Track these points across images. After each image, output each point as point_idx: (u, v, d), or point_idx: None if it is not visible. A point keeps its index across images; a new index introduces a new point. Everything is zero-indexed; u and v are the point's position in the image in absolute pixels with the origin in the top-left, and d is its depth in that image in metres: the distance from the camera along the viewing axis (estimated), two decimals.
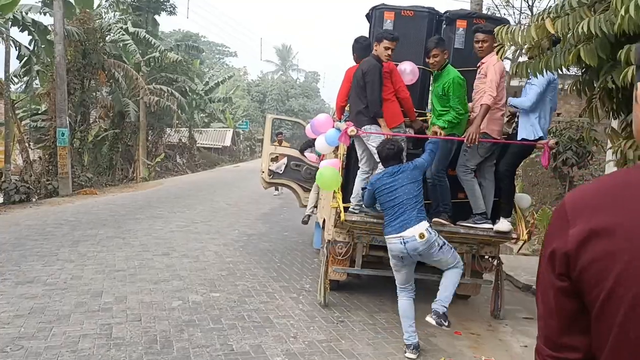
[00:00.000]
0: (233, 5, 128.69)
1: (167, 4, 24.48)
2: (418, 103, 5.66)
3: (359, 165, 5.30)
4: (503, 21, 5.63)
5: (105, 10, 20.58)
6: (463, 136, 4.80)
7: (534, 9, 13.10)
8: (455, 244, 4.99)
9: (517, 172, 13.71)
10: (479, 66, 4.98)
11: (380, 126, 5.04)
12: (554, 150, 5.03)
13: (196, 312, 5.13)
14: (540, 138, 4.86)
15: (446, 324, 4.30)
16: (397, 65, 5.34)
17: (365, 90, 5.04)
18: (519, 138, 4.89)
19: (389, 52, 5.03)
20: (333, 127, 5.53)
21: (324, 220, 6.37)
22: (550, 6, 3.64)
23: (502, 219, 5.01)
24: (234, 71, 57.51)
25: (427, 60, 5.04)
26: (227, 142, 40.56)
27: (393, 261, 4.46)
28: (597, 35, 3.11)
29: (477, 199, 4.99)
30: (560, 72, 4.62)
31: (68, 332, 4.45)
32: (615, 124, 4.50)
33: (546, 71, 3.95)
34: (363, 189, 5.09)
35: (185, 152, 29.29)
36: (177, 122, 26.74)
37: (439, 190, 5.09)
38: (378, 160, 4.90)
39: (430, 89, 5.83)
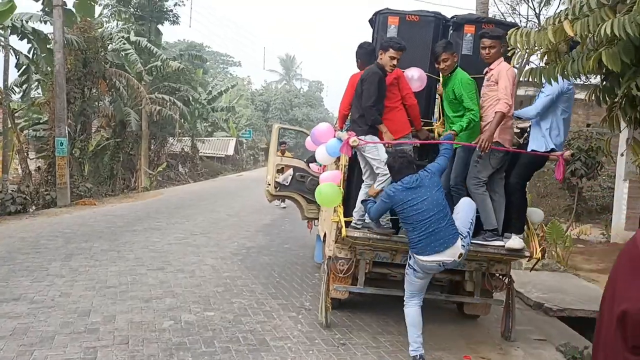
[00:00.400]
0: (235, 12, 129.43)
1: (170, 13, 24.40)
2: (424, 112, 5.39)
3: (363, 178, 5.02)
4: (513, 26, 5.15)
5: (107, 19, 20.47)
6: (475, 142, 4.53)
7: (541, 17, 12.87)
8: (464, 261, 4.71)
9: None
10: (487, 72, 4.74)
11: (377, 136, 4.85)
12: (569, 163, 4.64)
13: (188, 333, 4.83)
14: (552, 150, 4.58)
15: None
16: (403, 72, 5.12)
17: (362, 99, 4.82)
18: (529, 150, 4.63)
19: (395, 62, 4.79)
20: (334, 136, 5.27)
21: (325, 235, 6.06)
22: (568, 7, 3.36)
23: (513, 236, 4.68)
24: (238, 80, 57.52)
25: (436, 65, 4.83)
26: (230, 151, 40.38)
27: (419, 274, 4.28)
28: (622, 38, 2.83)
29: (488, 214, 4.67)
30: (571, 81, 4.34)
31: (50, 357, 4.16)
32: (630, 133, 4.20)
33: (562, 78, 3.68)
34: (363, 201, 4.82)
35: (187, 162, 29.09)
36: (179, 131, 26.59)
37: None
38: (379, 171, 4.72)
39: (437, 97, 5.59)
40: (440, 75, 5.01)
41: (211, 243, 9.43)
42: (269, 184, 8.44)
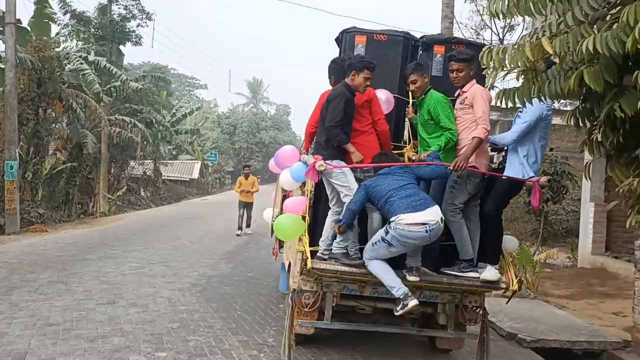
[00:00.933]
0: (203, 36, 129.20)
1: (133, 34, 23.86)
2: (393, 135, 5.10)
3: (330, 205, 4.69)
4: (483, 47, 5.14)
5: (64, 39, 19.82)
6: (449, 168, 4.30)
7: (505, 42, 13.04)
8: (436, 293, 4.63)
9: None
10: (459, 95, 4.52)
11: (345, 161, 4.57)
12: (544, 188, 4.46)
13: None
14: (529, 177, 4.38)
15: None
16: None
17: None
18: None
19: (368, 82, 4.55)
20: (300, 160, 4.97)
21: (290, 264, 5.65)
22: (544, 25, 3.17)
23: (488, 266, 4.41)
24: (204, 103, 57.00)
25: (407, 88, 4.67)
26: (195, 175, 39.57)
27: (393, 248, 4.13)
28: (605, 55, 2.63)
29: (465, 243, 4.42)
30: (546, 102, 4.17)
31: None
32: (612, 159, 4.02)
33: (540, 101, 3.48)
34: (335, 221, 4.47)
35: (149, 185, 28.20)
36: (141, 154, 25.79)
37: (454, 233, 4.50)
38: (346, 200, 4.41)
39: (406, 121, 5.31)
40: (411, 97, 4.84)
41: (169, 273, 8.88)
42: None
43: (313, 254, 4.50)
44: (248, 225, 14.62)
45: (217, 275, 8.92)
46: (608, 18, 2.84)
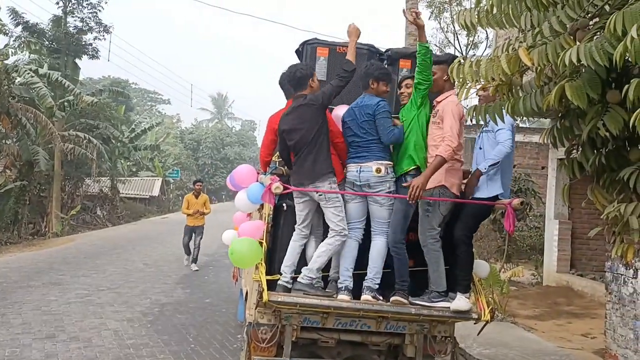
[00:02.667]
0: (164, 50, 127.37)
1: (90, 47, 23.01)
2: None
3: (297, 227, 4.34)
4: (450, 60, 4.74)
5: (14, 51, 18.88)
6: (405, 184, 4.04)
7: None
8: (403, 323, 4.30)
9: None
10: (434, 105, 4.19)
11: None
12: (517, 211, 4.32)
13: None
14: (500, 195, 4.09)
15: (381, 298, 4.15)
16: (332, 109, 4.55)
17: None
18: (476, 197, 4.10)
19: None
20: (257, 180, 4.64)
21: (247, 293, 5.19)
22: (517, 36, 2.91)
23: (459, 295, 4.11)
24: (165, 118, 55.87)
25: (399, 91, 4.46)
26: (156, 192, 38.31)
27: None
28: (589, 67, 2.37)
29: (441, 274, 4.11)
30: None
31: None
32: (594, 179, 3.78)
33: (513, 117, 3.22)
34: None
35: (106, 204, 27.04)
36: (98, 170, 24.72)
37: (397, 264, 4.20)
38: (337, 228, 4.15)
39: None
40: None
41: (119, 300, 8.25)
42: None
43: (271, 283, 4.12)
44: (195, 260, 11.68)
45: (172, 302, 8.35)
46: (589, 28, 2.59)
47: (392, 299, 4.14)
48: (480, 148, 4.19)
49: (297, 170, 4.29)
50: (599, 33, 2.52)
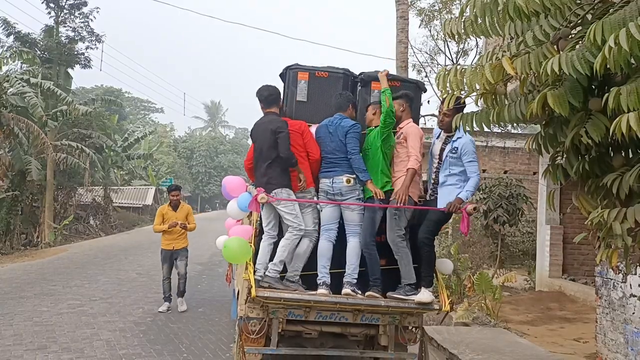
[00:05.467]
0: (157, 60, 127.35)
1: (82, 56, 22.98)
2: None
3: (265, 229, 4.93)
4: (419, 83, 5.65)
5: (6, 61, 18.83)
6: (392, 199, 4.74)
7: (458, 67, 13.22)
8: (377, 315, 4.91)
9: (449, 233, 13.31)
10: (397, 130, 4.96)
11: (290, 188, 4.84)
12: (471, 215, 4.83)
13: None
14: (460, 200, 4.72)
15: (359, 292, 4.70)
16: (309, 126, 5.16)
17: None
18: (439, 206, 4.75)
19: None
20: (246, 190, 5.21)
21: (239, 292, 5.69)
22: (501, 45, 2.96)
23: (423, 289, 4.74)
24: (158, 127, 55.73)
25: (372, 114, 5.00)
26: (149, 201, 38.19)
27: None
28: (571, 75, 2.41)
29: (410, 269, 4.74)
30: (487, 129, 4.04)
31: None
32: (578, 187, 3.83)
33: (498, 125, 3.26)
34: None
35: (99, 213, 26.91)
36: (91, 180, 24.62)
37: (369, 263, 4.81)
38: (293, 224, 4.74)
39: None
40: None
41: (112, 310, 8.22)
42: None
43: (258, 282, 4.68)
44: (182, 293, 8.62)
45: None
46: (571, 37, 2.65)
47: (366, 294, 4.72)
48: (441, 159, 4.86)
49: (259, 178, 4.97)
50: (580, 42, 2.57)
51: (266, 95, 5.04)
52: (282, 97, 5.29)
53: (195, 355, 6.09)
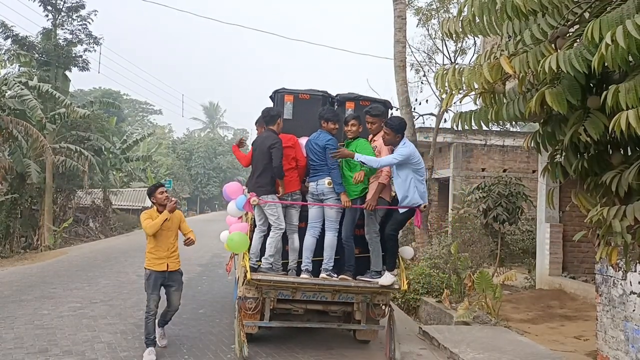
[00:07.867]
0: (155, 62, 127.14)
1: (80, 59, 22.95)
2: None
3: (257, 224, 6.18)
4: (386, 103, 6.66)
5: (4, 64, 18.81)
6: (365, 205, 5.88)
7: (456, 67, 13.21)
8: (352, 294, 6.05)
9: (447, 232, 13.29)
10: (372, 140, 6.11)
11: (275, 194, 6.06)
12: (423, 212, 6.10)
13: None
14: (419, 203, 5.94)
15: (335, 276, 5.94)
16: (298, 139, 6.34)
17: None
18: (403, 204, 5.88)
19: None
20: (243, 193, 6.30)
21: (238, 277, 6.86)
22: (500, 44, 2.96)
23: (386, 273, 5.90)
24: (157, 128, 55.70)
25: (345, 127, 6.11)
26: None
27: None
28: (569, 73, 2.42)
29: (379, 259, 5.96)
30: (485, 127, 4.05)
31: None
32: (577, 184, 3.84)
33: (497, 123, 3.26)
34: None
35: (99, 216, 26.87)
36: (90, 182, 24.60)
37: (347, 253, 6.02)
38: (275, 225, 5.97)
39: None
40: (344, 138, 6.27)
41: (112, 313, 8.21)
42: None
43: (254, 269, 5.95)
44: (165, 323, 6.50)
45: None
46: (569, 36, 2.65)
47: (339, 276, 5.91)
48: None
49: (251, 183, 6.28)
50: (578, 40, 2.58)
51: (264, 115, 6.24)
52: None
53: (197, 356, 6.09)
